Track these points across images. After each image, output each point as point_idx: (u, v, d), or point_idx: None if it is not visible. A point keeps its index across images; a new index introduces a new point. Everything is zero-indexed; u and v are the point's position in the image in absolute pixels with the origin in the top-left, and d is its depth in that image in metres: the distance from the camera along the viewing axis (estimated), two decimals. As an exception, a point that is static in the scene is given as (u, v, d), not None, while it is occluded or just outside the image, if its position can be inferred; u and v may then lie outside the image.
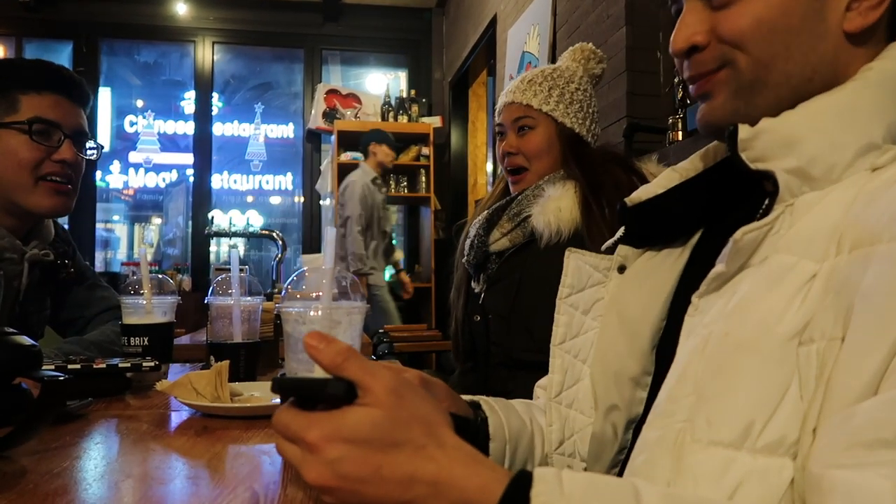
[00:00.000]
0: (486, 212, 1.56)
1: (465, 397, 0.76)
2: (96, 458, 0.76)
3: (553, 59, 2.98)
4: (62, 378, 0.77)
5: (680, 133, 2.00)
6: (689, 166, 0.73)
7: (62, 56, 5.24)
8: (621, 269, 0.74)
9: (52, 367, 0.96)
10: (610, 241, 0.77)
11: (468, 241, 1.56)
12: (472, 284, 1.57)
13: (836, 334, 0.48)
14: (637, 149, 2.17)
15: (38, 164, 1.26)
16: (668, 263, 0.71)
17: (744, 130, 0.59)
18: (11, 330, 0.76)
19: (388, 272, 4.51)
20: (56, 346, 1.31)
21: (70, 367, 1.00)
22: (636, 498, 0.43)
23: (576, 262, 0.80)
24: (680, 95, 2.07)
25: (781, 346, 0.51)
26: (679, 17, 0.66)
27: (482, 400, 0.76)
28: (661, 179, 0.73)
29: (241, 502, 0.59)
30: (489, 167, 4.75)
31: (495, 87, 4.07)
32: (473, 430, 0.72)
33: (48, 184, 1.27)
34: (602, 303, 0.76)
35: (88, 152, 1.36)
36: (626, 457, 0.68)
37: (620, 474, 0.68)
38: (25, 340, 0.76)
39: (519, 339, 1.42)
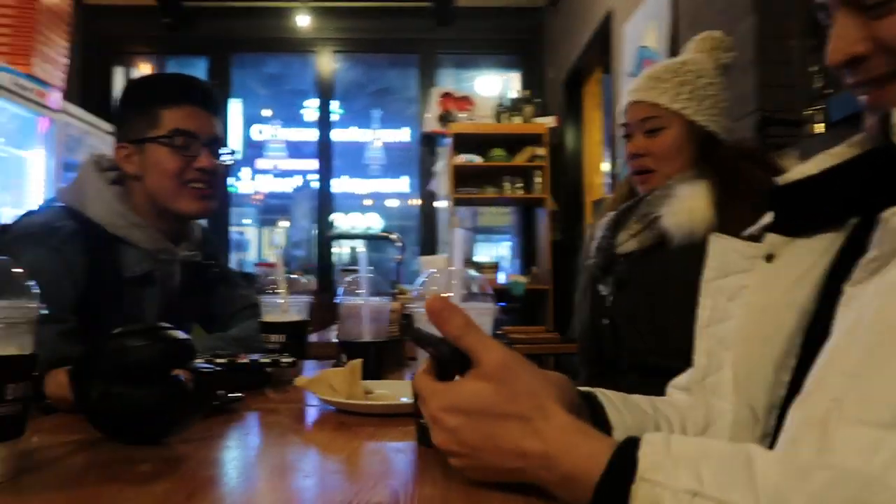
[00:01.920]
0: (612, 213, 1.51)
1: (581, 389, 0.75)
2: (244, 448, 0.80)
3: (674, 53, 2.86)
4: (213, 371, 0.83)
5: (822, 125, 1.86)
6: (845, 150, 0.69)
7: (198, 70, 5.61)
8: (769, 257, 0.71)
9: (202, 360, 1.02)
10: (754, 228, 0.74)
11: (594, 243, 1.52)
12: (599, 287, 1.52)
13: None
14: (770, 144, 2.04)
15: (181, 172, 1.36)
16: (819, 251, 0.68)
17: None
18: (168, 325, 0.82)
19: None
20: (201, 342, 1.41)
21: (217, 360, 1.07)
22: (748, 461, 0.42)
23: (721, 247, 0.77)
24: (821, 85, 1.92)
25: None
26: (832, 29, 0.64)
27: (598, 392, 0.75)
28: (814, 161, 0.69)
29: (382, 499, 0.60)
30: (605, 167, 4.64)
31: (611, 84, 3.97)
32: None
33: (192, 190, 1.37)
34: (746, 291, 0.73)
35: (224, 157, 1.45)
36: (772, 443, 0.65)
37: None
38: (180, 335, 0.81)
39: (652, 344, 1.37)
